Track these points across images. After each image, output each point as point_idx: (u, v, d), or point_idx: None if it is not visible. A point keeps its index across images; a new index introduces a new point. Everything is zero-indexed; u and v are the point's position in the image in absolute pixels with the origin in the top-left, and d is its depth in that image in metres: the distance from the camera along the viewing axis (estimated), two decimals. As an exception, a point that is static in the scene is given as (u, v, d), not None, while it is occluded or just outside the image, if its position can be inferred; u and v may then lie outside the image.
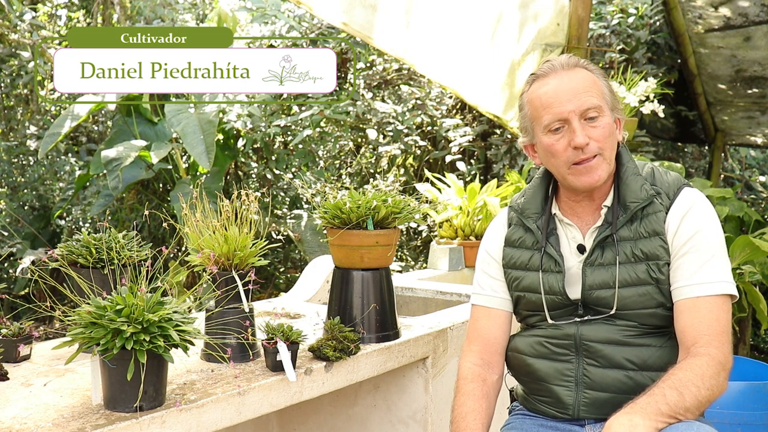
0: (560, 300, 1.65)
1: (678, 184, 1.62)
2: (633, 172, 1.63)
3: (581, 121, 1.57)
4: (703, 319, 1.49)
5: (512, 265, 1.73)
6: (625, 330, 1.59)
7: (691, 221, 1.56)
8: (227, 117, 5.32)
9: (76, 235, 1.88)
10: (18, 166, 6.35)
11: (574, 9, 3.51)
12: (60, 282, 1.64)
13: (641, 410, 1.37)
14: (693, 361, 1.45)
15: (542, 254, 1.67)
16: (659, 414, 1.36)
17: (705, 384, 1.41)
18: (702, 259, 1.53)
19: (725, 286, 1.52)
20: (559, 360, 1.64)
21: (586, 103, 1.57)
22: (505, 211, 1.82)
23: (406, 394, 2.27)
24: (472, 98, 3.59)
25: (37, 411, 1.48)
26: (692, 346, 1.48)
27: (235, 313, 1.79)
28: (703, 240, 1.54)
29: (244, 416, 1.64)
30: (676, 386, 1.40)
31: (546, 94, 1.60)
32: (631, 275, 1.58)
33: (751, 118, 6.06)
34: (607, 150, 1.59)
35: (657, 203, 1.59)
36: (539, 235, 1.69)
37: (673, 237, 1.56)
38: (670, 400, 1.38)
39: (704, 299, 1.51)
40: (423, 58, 3.35)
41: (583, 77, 1.60)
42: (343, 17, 3.09)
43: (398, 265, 5.54)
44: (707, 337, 1.48)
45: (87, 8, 7.35)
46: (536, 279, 1.67)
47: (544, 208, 1.71)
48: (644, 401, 1.39)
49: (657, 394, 1.39)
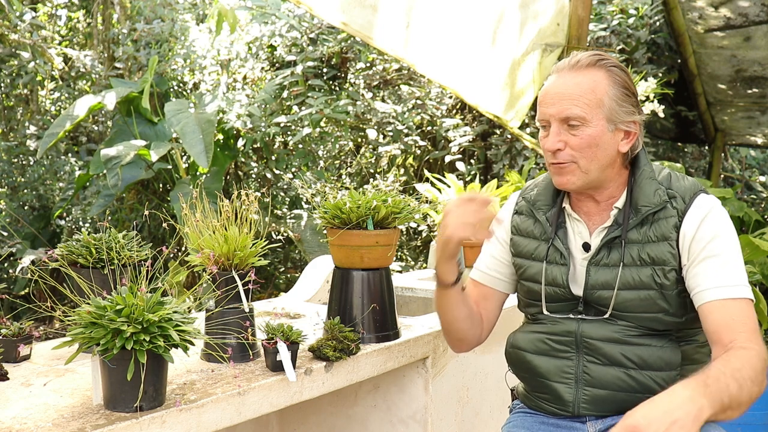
0: (561, 293, 1.65)
1: (694, 189, 1.60)
2: (648, 176, 1.62)
3: (561, 126, 1.58)
4: (737, 318, 1.48)
5: (519, 253, 1.75)
6: (626, 330, 1.59)
7: (710, 226, 1.55)
8: (227, 117, 5.32)
9: (76, 235, 1.88)
10: (18, 166, 6.35)
11: (574, 9, 3.51)
12: (60, 282, 1.64)
13: (711, 397, 1.27)
14: (745, 353, 1.40)
15: (549, 246, 1.68)
16: (722, 405, 1.29)
17: (757, 379, 1.38)
18: (723, 262, 1.52)
19: (748, 291, 1.52)
20: (559, 357, 1.65)
21: (565, 111, 1.57)
22: (515, 197, 1.83)
23: (406, 394, 2.27)
24: (472, 98, 3.59)
25: (37, 411, 1.48)
26: (731, 342, 1.44)
27: (235, 313, 1.79)
28: (723, 245, 1.54)
29: (244, 416, 1.64)
30: (737, 378, 1.34)
31: (545, 90, 1.63)
32: (634, 278, 1.57)
33: (751, 118, 6.06)
34: (584, 159, 1.58)
35: (669, 209, 1.58)
36: (548, 227, 1.69)
37: (690, 242, 1.55)
38: (732, 391, 1.32)
39: (733, 301, 1.49)
40: (423, 57, 3.35)
41: (581, 83, 1.57)
42: (342, 17, 3.09)
43: (398, 265, 5.54)
44: (745, 334, 1.45)
45: (87, 8, 7.35)
46: (539, 269, 1.68)
47: (555, 201, 1.72)
48: (714, 387, 1.29)
49: (722, 381, 1.32)
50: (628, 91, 1.60)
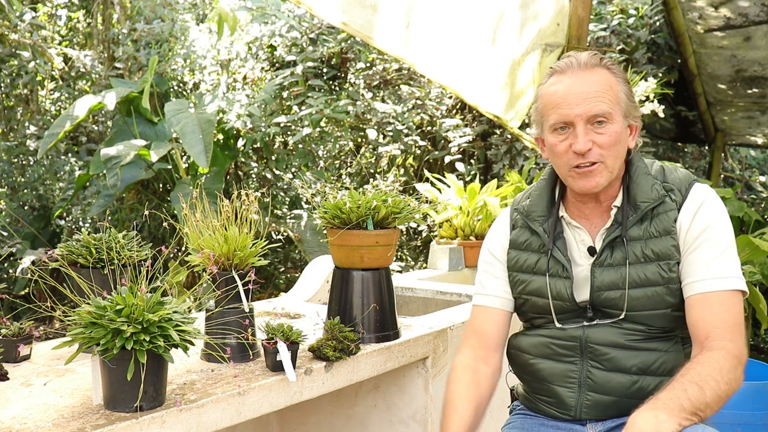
0: (568, 306, 1.63)
1: (689, 179, 1.60)
2: (643, 171, 1.61)
3: (587, 126, 1.54)
4: (715, 313, 1.48)
5: (518, 268, 1.71)
6: (631, 334, 1.57)
7: (704, 216, 1.55)
8: (227, 117, 5.32)
9: (76, 235, 1.88)
10: (18, 166, 6.35)
11: (574, 9, 3.51)
12: (60, 282, 1.64)
13: (665, 406, 1.33)
14: (709, 355, 1.43)
15: (549, 258, 1.65)
16: (682, 410, 1.33)
17: (723, 378, 1.39)
18: (713, 253, 1.52)
19: (737, 282, 1.51)
20: (563, 361, 1.63)
21: (594, 109, 1.53)
22: (506, 212, 1.80)
23: (406, 394, 2.26)
24: (472, 98, 3.59)
25: (37, 411, 1.48)
26: (706, 340, 1.46)
27: (235, 313, 1.79)
28: (715, 235, 1.53)
29: (244, 416, 1.64)
30: (695, 381, 1.37)
31: (557, 92, 1.57)
32: (640, 276, 1.56)
33: (751, 118, 6.06)
34: (610, 158, 1.55)
35: (669, 202, 1.57)
36: (546, 239, 1.66)
37: (686, 233, 1.55)
38: (691, 395, 1.35)
39: (716, 294, 1.50)
40: (423, 57, 3.34)
41: (599, 80, 1.55)
42: (342, 17, 3.09)
43: (398, 265, 5.54)
44: (720, 330, 1.46)
45: (87, 8, 7.35)
46: (543, 283, 1.65)
47: (551, 211, 1.68)
48: (666, 397, 1.36)
49: (677, 389, 1.36)
50: (629, 85, 1.62)
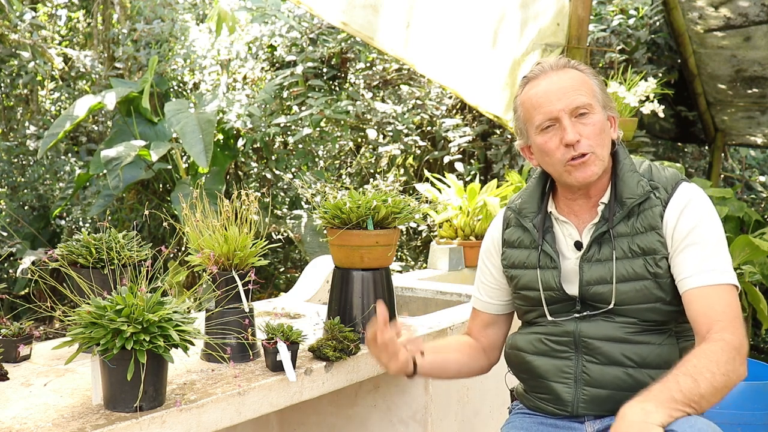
0: (557, 295, 1.66)
1: (675, 179, 1.63)
2: (629, 168, 1.65)
3: (572, 119, 1.59)
4: (715, 306, 1.50)
5: (511, 265, 1.76)
6: (624, 327, 1.59)
7: (691, 215, 1.57)
8: (227, 117, 5.32)
9: (76, 235, 1.88)
10: (18, 166, 6.35)
11: (574, 9, 3.51)
12: (60, 282, 1.64)
13: (654, 398, 1.35)
14: (707, 347, 1.44)
15: (539, 252, 1.69)
16: (672, 401, 1.34)
17: (720, 370, 1.40)
18: (705, 250, 1.54)
19: (731, 276, 1.53)
20: (558, 357, 1.65)
21: (575, 101, 1.59)
22: (501, 213, 1.85)
23: (406, 394, 2.26)
24: (472, 98, 3.59)
25: (37, 411, 1.48)
26: (707, 333, 1.48)
27: (235, 313, 1.79)
28: (704, 233, 1.55)
29: (244, 416, 1.64)
30: (690, 373, 1.38)
31: (536, 94, 1.63)
32: (628, 270, 1.59)
33: (751, 118, 6.06)
34: (599, 147, 1.61)
35: (654, 198, 1.60)
36: (535, 234, 1.71)
37: (672, 231, 1.57)
38: (684, 387, 1.36)
39: (713, 287, 1.51)
40: (423, 57, 3.34)
41: (572, 77, 1.63)
42: (343, 17, 3.09)
43: (398, 265, 5.54)
44: (721, 323, 1.47)
45: (87, 8, 7.35)
46: (534, 276, 1.69)
47: (541, 207, 1.73)
48: (658, 389, 1.37)
49: (670, 381, 1.38)
50: (600, 79, 1.70)
